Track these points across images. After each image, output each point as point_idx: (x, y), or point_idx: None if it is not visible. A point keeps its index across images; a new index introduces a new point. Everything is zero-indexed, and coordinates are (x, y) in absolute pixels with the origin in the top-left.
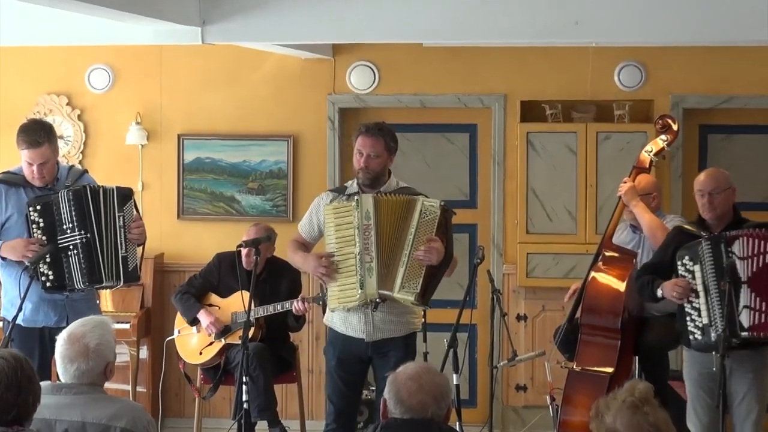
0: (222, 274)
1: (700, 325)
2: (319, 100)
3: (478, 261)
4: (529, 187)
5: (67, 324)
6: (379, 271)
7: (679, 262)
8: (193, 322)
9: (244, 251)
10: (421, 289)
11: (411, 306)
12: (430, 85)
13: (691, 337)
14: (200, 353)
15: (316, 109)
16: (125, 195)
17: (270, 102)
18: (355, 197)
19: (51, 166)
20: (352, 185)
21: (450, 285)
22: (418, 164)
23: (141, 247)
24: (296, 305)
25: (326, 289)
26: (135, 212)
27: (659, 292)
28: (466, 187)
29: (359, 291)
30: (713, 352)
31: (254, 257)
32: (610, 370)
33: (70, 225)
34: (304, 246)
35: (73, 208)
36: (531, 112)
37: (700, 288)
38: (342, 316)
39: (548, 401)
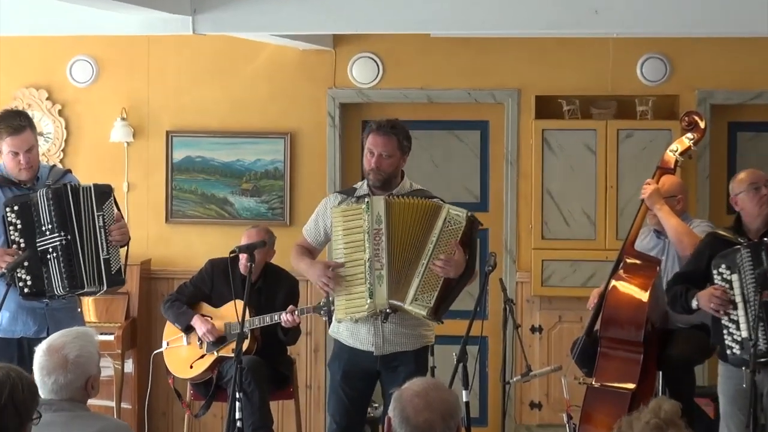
0: (215, 281)
1: (739, 338)
2: (318, 95)
3: (490, 268)
4: (544, 189)
5: (48, 335)
6: (390, 279)
7: (715, 271)
8: (188, 330)
9: (240, 259)
10: (434, 304)
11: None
12: (437, 79)
13: (728, 351)
14: (191, 367)
15: (315, 104)
16: (104, 192)
17: (265, 97)
18: (366, 199)
19: (36, 154)
20: (362, 187)
21: (460, 295)
22: (425, 164)
23: (125, 249)
24: (284, 317)
25: (332, 298)
26: (116, 211)
27: (694, 303)
28: (477, 189)
29: (368, 300)
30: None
31: (248, 264)
32: (631, 386)
33: (50, 226)
34: (309, 252)
35: (52, 208)
36: (547, 108)
37: (738, 299)
38: (349, 327)
39: (565, 420)
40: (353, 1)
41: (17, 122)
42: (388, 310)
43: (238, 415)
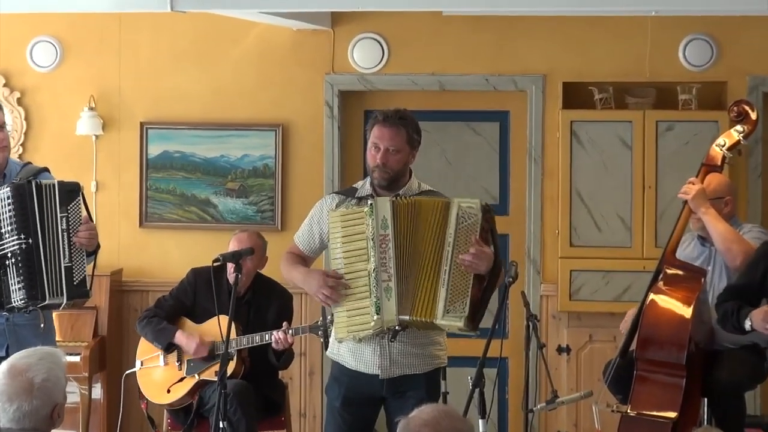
0: (198, 294)
1: None
2: (314, 82)
3: (510, 280)
4: (573, 189)
5: (8, 355)
6: (399, 292)
7: None
8: (169, 348)
9: (230, 269)
10: (470, 311)
11: (436, 334)
12: (451, 63)
13: None
14: (168, 391)
15: (311, 92)
16: (70, 191)
17: (254, 83)
18: (369, 201)
19: (7, 137)
20: (364, 186)
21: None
22: (436, 160)
23: (93, 258)
24: (276, 336)
25: (331, 315)
26: (84, 213)
27: (747, 324)
28: (496, 189)
29: (374, 317)
30: None
31: (234, 275)
32: (672, 415)
33: (9, 228)
34: (302, 260)
35: (13, 208)
36: (576, 96)
37: None
38: (352, 347)
39: None
40: None
41: None
42: (397, 327)
43: None
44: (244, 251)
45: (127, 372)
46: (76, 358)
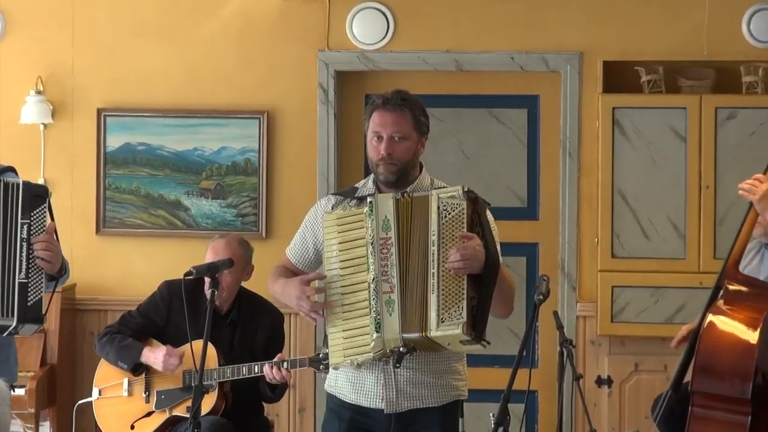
0: (173, 311)
1: None
2: (305, 60)
3: (541, 298)
4: (615, 189)
5: None
6: (403, 306)
7: None
8: (136, 369)
9: (208, 283)
10: (468, 316)
11: (455, 360)
12: (469, 39)
13: None
14: (132, 427)
15: (302, 72)
16: (36, 195)
17: (233, 63)
18: (368, 199)
19: None
20: (366, 185)
21: (498, 333)
22: (452, 155)
23: (54, 284)
24: (267, 371)
25: (326, 335)
26: (50, 221)
27: None
28: (523, 189)
29: (374, 335)
30: None
31: (209, 291)
32: None
33: None
34: (292, 274)
35: None
36: (619, 78)
37: None
38: (351, 377)
39: None
40: None
41: None
42: (401, 349)
43: None
44: (221, 263)
45: (80, 402)
46: (21, 392)
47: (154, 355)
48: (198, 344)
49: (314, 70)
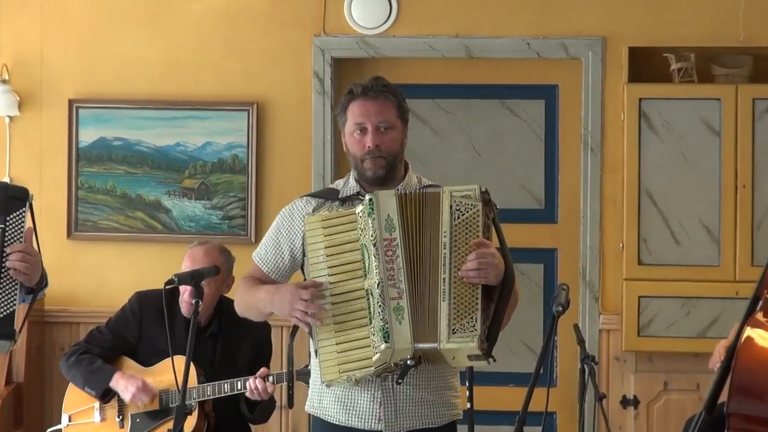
0: (145, 326)
1: None
2: (299, 46)
3: (560, 309)
4: (642, 189)
5: None
6: (414, 313)
7: None
8: (105, 395)
9: (183, 292)
10: (482, 329)
11: (451, 375)
12: (480, 22)
13: None
14: None
15: (295, 60)
16: (15, 197)
17: (220, 49)
18: (367, 197)
19: None
20: (348, 184)
21: (511, 348)
22: (461, 151)
23: (31, 299)
24: (252, 385)
25: (316, 350)
26: (29, 226)
27: None
28: (540, 189)
29: (381, 346)
30: None
31: (194, 301)
32: None
33: None
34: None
35: None
36: (646, 66)
37: None
38: (340, 395)
39: None
40: None
41: None
42: (409, 361)
43: None
44: (206, 270)
45: (49, 430)
46: None
47: (126, 385)
48: (178, 361)
49: (309, 57)
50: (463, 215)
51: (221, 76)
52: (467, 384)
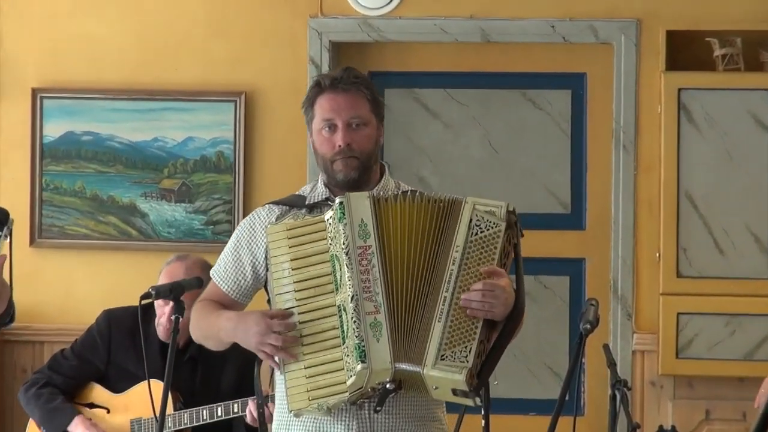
0: (114, 348)
1: None
2: (293, 29)
3: (588, 327)
4: (681, 191)
5: None
6: (394, 328)
7: None
8: None
9: (160, 314)
10: (474, 362)
11: (436, 405)
12: (498, 3)
13: None
14: None
15: (289, 44)
16: None
17: (203, 33)
18: (337, 200)
19: None
20: (315, 190)
21: (532, 371)
22: (476, 148)
23: None
24: (252, 413)
25: (281, 373)
26: (3, 254)
27: None
28: (566, 191)
29: (358, 368)
30: None
31: (173, 317)
32: None
33: None
34: (224, 309)
35: None
36: (686, 51)
37: None
38: (311, 427)
39: None
40: None
41: None
42: (388, 385)
43: None
44: (187, 283)
45: None
46: None
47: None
48: (154, 385)
49: (304, 42)
50: (482, 232)
51: (204, 62)
52: (482, 412)
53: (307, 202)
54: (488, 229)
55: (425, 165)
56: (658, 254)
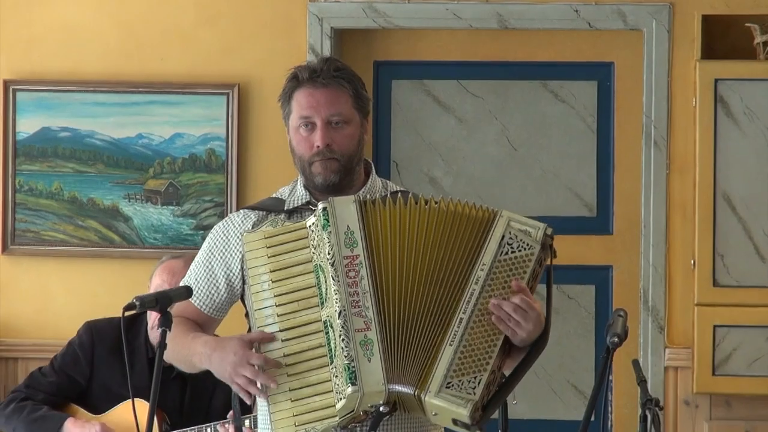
0: (97, 363)
1: None
2: (291, 15)
3: (616, 341)
4: (718, 192)
5: None
6: (386, 345)
7: None
8: None
9: (154, 317)
10: (481, 395)
11: (431, 426)
12: None
13: None
14: None
15: (286, 31)
16: None
17: (192, 19)
18: (320, 206)
19: None
20: (295, 193)
21: (554, 389)
22: (493, 144)
23: None
24: None
25: (266, 402)
26: None
27: None
28: (591, 191)
29: (348, 390)
30: None
31: (160, 330)
32: None
33: None
34: (197, 327)
35: None
36: (724, 38)
37: None
38: None
39: None
40: None
41: None
42: (382, 408)
43: None
44: (174, 293)
45: None
46: None
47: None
48: (139, 405)
49: (303, 28)
50: (513, 252)
51: (193, 51)
52: None
53: (286, 207)
54: (520, 251)
55: (436, 164)
56: (692, 261)
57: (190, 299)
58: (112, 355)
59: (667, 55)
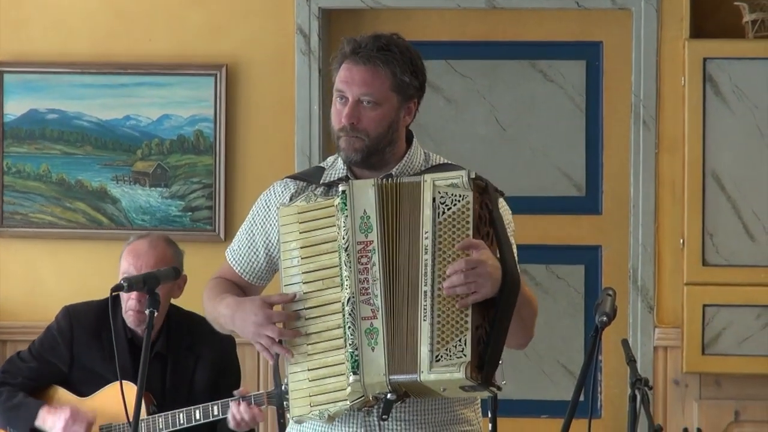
0: (77, 348)
1: None
2: None
3: (604, 320)
4: (707, 172)
5: None
6: (391, 336)
7: None
8: None
9: (127, 298)
10: (473, 353)
11: (463, 405)
12: None
13: None
14: None
15: (274, 11)
16: None
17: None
18: (340, 188)
19: None
20: (335, 165)
21: (544, 370)
22: (483, 124)
23: None
24: (235, 412)
25: (285, 378)
26: None
27: None
28: (580, 171)
29: (351, 379)
30: None
31: (148, 312)
32: None
33: None
34: (237, 289)
35: None
36: (713, 17)
37: None
38: (320, 430)
39: None
40: None
41: None
42: (389, 396)
43: None
44: (162, 273)
45: None
46: None
47: (53, 419)
48: (130, 388)
49: (291, 8)
50: (449, 209)
51: (181, 32)
52: (489, 415)
53: (323, 180)
54: (455, 204)
55: (425, 144)
56: (681, 241)
57: (231, 264)
58: (92, 338)
59: (656, 34)
